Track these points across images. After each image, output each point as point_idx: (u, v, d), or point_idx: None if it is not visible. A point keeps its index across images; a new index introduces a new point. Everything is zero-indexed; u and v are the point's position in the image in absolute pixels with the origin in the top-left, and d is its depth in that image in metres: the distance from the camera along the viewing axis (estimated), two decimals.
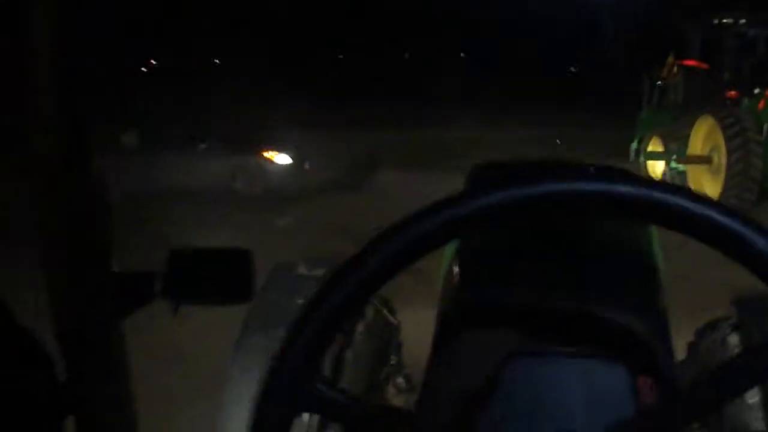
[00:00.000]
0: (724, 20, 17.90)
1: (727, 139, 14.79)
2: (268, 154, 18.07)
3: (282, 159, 18.17)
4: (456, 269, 2.54)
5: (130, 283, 1.67)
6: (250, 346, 2.71)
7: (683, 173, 16.99)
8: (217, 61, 52.49)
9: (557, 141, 25.19)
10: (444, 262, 2.66)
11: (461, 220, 1.01)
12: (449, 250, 2.66)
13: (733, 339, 2.86)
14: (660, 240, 2.67)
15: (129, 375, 1.66)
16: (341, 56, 60.11)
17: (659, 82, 19.77)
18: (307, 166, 18.96)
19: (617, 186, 0.98)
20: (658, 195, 0.97)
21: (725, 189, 14.86)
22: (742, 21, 17.82)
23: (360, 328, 3.00)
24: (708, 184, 15.83)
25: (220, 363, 2.89)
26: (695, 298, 6.13)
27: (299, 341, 1.04)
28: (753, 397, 2.53)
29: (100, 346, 1.58)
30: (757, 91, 15.98)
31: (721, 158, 15.14)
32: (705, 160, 15.85)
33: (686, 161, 16.66)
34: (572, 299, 2.21)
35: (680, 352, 3.14)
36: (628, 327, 2.12)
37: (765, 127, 14.98)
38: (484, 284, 2.46)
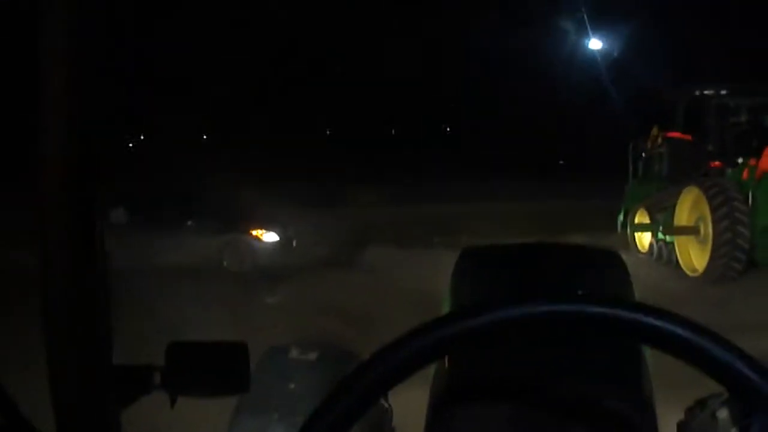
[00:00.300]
0: (706, 91, 18.11)
1: (713, 209, 14.87)
2: (256, 232, 18.09)
3: (270, 237, 18.20)
4: (447, 358, 2.51)
5: (130, 375, 1.68)
6: (241, 429, 2.71)
7: (670, 243, 17.04)
8: (205, 137, 52.86)
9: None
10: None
11: (451, 339, 1.05)
12: None
13: (723, 414, 2.82)
14: None
15: None
16: (329, 132, 60.49)
17: (644, 154, 19.97)
18: (294, 243, 19.00)
19: (604, 309, 1.04)
20: (652, 321, 1.03)
21: (712, 258, 14.89)
22: (723, 92, 18.03)
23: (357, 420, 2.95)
24: (695, 253, 15.90)
25: None
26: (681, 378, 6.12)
27: None
28: None
29: None
30: (740, 160, 16.13)
31: (707, 228, 15.18)
32: (692, 230, 15.92)
33: (673, 232, 16.71)
34: (559, 388, 2.25)
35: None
36: (613, 414, 2.19)
37: (750, 195, 15.06)
38: (474, 371, 2.46)
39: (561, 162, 45.48)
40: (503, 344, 2.39)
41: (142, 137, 52.81)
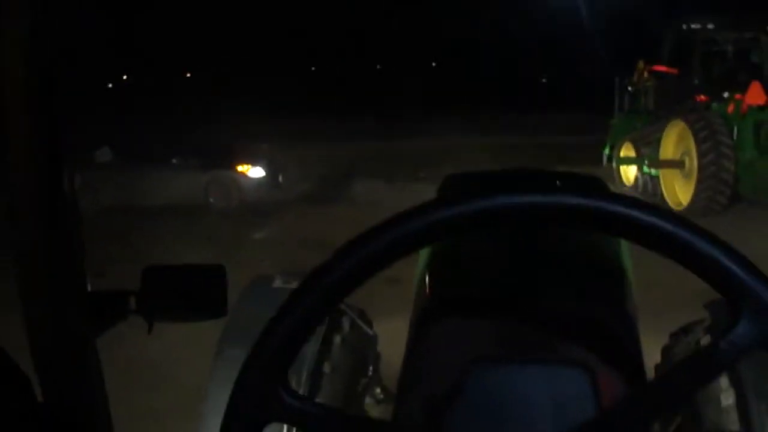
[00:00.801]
0: (693, 25, 18.02)
1: (698, 143, 14.88)
2: (241, 168, 18.03)
3: (255, 172, 18.14)
4: (427, 278, 2.57)
5: (105, 301, 1.67)
6: (227, 359, 2.69)
7: (656, 177, 17.06)
8: (189, 74, 52.49)
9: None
10: (417, 272, 2.68)
11: (429, 229, 1.03)
12: (422, 259, 2.70)
13: (706, 340, 2.83)
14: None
15: (106, 393, 1.66)
16: (313, 68, 60.11)
17: (630, 88, 19.90)
18: (281, 178, 18.95)
19: (579, 199, 1.02)
20: (635, 214, 1.01)
21: (697, 192, 14.95)
22: (710, 26, 17.95)
23: (337, 339, 2.97)
24: (680, 187, 15.93)
25: (199, 378, 2.88)
26: (667, 303, 6.18)
27: (264, 352, 1.06)
28: (728, 399, 2.54)
29: (76, 365, 1.58)
30: (726, 95, 16.11)
31: (692, 162, 15.21)
32: (677, 164, 15.95)
33: (658, 165, 16.73)
34: (540, 302, 2.26)
35: (656, 356, 3.18)
36: (594, 329, 2.18)
37: (735, 130, 15.07)
38: (452, 290, 2.51)
39: (544, 92, 45.20)
40: (483, 254, 2.45)
41: (125, 77, 52.42)
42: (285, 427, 1.77)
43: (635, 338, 2.37)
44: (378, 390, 3.42)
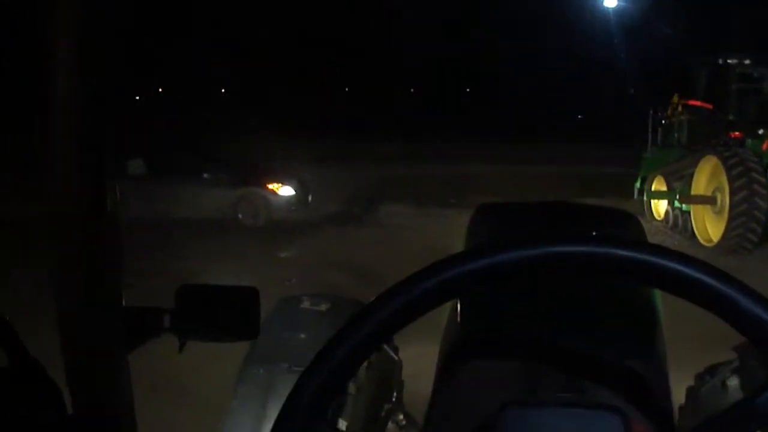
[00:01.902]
0: (729, 60, 17.95)
1: (731, 180, 14.76)
2: (271, 186, 18.08)
3: (285, 191, 18.18)
4: (459, 311, 2.56)
5: (139, 317, 1.69)
6: (251, 378, 2.69)
7: (686, 212, 16.98)
8: (223, 90, 52.83)
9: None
10: (450, 305, 2.67)
11: (456, 281, 1.04)
12: None
13: (734, 382, 2.84)
14: None
15: (135, 407, 1.67)
16: (347, 89, 60.34)
17: (664, 122, 19.85)
18: (310, 198, 18.99)
19: (612, 250, 1.02)
20: (653, 259, 1.01)
21: (728, 229, 14.83)
22: (747, 61, 17.87)
23: (363, 363, 2.96)
24: (711, 223, 15.83)
25: (223, 396, 2.89)
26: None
27: (310, 385, 1.05)
28: None
29: (107, 379, 1.59)
30: (761, 131, 15.97)
31: (724, 198, 15.10)
32: (708, 200, 15.84)
33: (689, 201, 16.61)
34: (570, 345, 2.24)
35: (680, 397, 3.14)
36: (625, 373, 2.18)
37: None
38: (485, 327, 2.49)
39: (579, 126, 45.12)
40: (515, 293, 2.40)
41: (160, 89, 52.84)
42: None
43: (665, 382, 2.38)
44: (401, 416, 3.41)
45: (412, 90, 61.24)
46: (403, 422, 3.40)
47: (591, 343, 2.28)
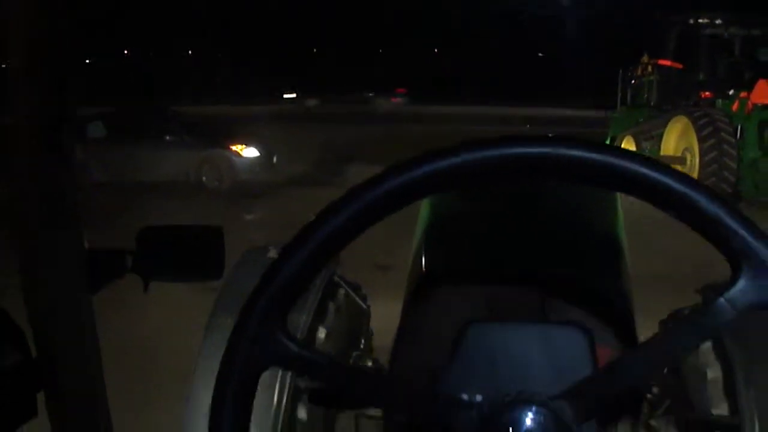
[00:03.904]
0: (700, 20, 18.00)
1: (701, 140, 14.89)
2: (235, 147, 18.05)
3: (250, 152, 18.15)
4: (423, 250, 2.62)
5: (101, 259, 1.69)
6: (220, 326, 2.69)
7: None
8: (190, 52, 52.47)
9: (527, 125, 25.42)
10: (413, 245, 2.74)
11: (427, 178, 1.04)
12: (418, 231, 2.75)
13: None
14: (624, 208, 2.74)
15: (99, 351, 1.69)
16: (315, 50, 60.11)
17: (633, 81, 19.89)
18: (275, 159, 18.94)
19: (571, 150, 1.02)
20: (636, 168, 1.01)
21: None
22: (718, 21, 17.93)
23: (331, 308, 2.88)
24: None
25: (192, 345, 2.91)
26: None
27: (264, 296, 1.06)
28: (716, 383, 2.54)
29: (70, 321, 1.61)
30: (731, 92, 16.11)
31: (694, 159, 15.23)
32: (678, 160, 15.86)
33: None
34: (535, 270, 2.31)
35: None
36: (589, 296, 2.24)
37: (739, 128, 15.10)
38: (447, 260, 2.58)
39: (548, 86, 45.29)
40: (478, 220, 2.54)
41: (126, 51, 52.45)
42: (279, 375, 1.79)
43: (629, 304, 2.43)
44: (369, 364, 3.45)
45: (380, 50, 61.03)
46: (372, 370, 3.43)
47: (555, 266, 2.35)
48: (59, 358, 1.60)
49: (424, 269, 2.57)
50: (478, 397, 1.22)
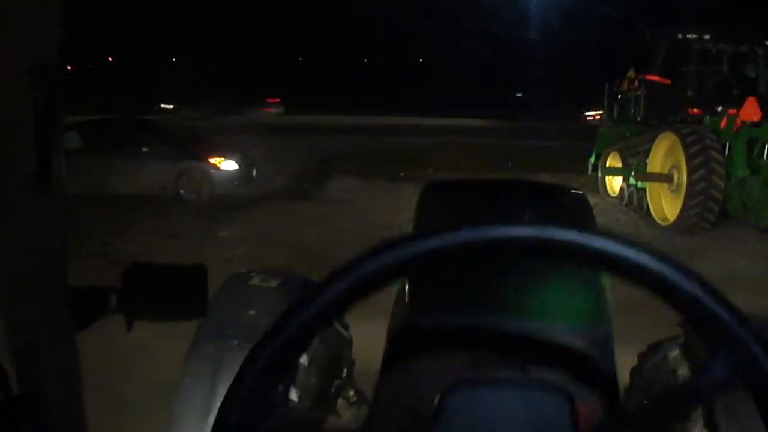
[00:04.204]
0: (689, 35, 18.08)
1: (689, 158, 14.86)
2: (214, 160, 18.05)
3: (228, 165, 18.18)
4: (407, 291, 2.64)
5: (85, 297, 1.70)
6: (201, 355, 2.74)
7: (642, 190, 17.07)
8: (174, 59, 52.49)
9: (509, 164, 25.49)
10: (396, 288, 2.77)
11: (408, 261, 1.07)
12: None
13: (678, 359, 2.92)
14: None
15: (82, 387, 1.69)
16: (301, 58, 60.22)
17: (620, 96, 19.96)
18: (255, 172, 18.96)
19: (552, 232, 1.06)
20: (614, 249, 1.04)
21: (685, 208, 14.93)
22: (707, 36, 18.01)
23: (310, 343, 2.98)
24: (667, 202, 15.91)
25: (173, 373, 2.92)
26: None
27: (256, 366, 1.07)
28: (698, 419, 2.54)
29: (54, 360, 1.62)
30: (719, 109, 16.12)
31: (681, 176, 15.21)
32: (665, 177, 15.94)
33: (645, 178, 16.73)
34: (518, 324, 2.36)
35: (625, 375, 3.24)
36: (571, 353, 2.29)
37: (727, 146, 15.13)
38: (432, 307, 2.59)
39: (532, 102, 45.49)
40: (461, 276, 2.51)
41: (110, 59, 52.42)
42: None
43: (611, 361, 2.48)
44: (351, 393, 3.51)
45: (365, 60, 61.23)
46: (354, 398, 3.50)
47: (537, 324, 2.39)
48: (43, 395, 1.60)
49: (404, 323, 2.59)
50: None
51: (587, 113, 39.09)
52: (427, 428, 1.37)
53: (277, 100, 42.80)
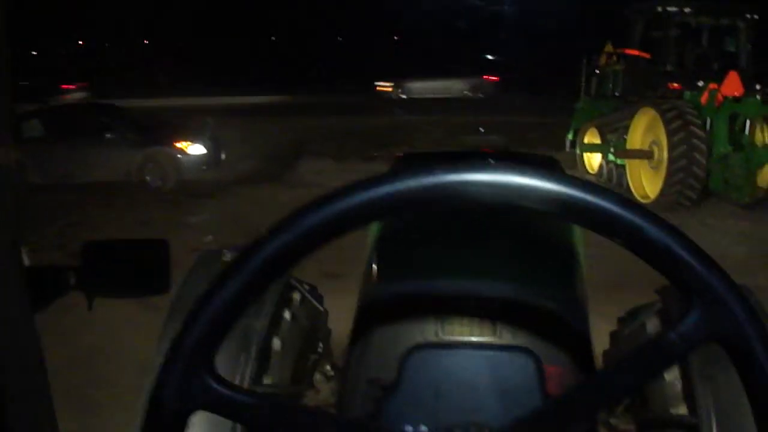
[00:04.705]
0: (669, 8, 18.07)
1: (669, 133, 14.90)
2: (180, 144, 17.96)
3: (196, 149, 18.10)
4: (375, 260, 2.70)
5: (43, 276, 1.72)
6: (173, 333, 2.71)
7: (621, 167, 17.12)
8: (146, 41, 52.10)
9: (480, 129, 25.48)
10: (366, 254, 2.82)
11: (363, 207, 1.04)
12: (371, 240, 2.84)
13: (655, 324, 2.97)
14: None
15: (45, 368, 1.70)
16: (274, 38, 59.81)
17: (598, 71, 19.95)
18: (223, 156, 18.96)
19: (509, 176, 1.03)
20: (584, 197, 1.02)
21: (666, 185, 15.02)
22: (687, 9, 18.01)
23: (287, 315, 3.05)
24: (647, 179, 16.02)
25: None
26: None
27: (188, 336, 1.06)
28: (674, 380, 2.65)
29: (14, 340, 1.63)
30: (700, 83, 16.18)
31: (662, 153, 15.25)
32: (645, 154, 15.99)
33: (625, 155, 16.75)
34: (486, 286, 2.37)
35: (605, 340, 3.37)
36: (542, 315, 2.31)
37: (708, 122, 15.19)
38: (399, 275, 2.62)
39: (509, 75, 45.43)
40: (430, 238, 2.62)
41: (81, 42, 51.98)
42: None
43: (584, 324, 2.51)
44: (328, 367, 3.54)
45: (339, 38, 60.97)
46: (331, 372, 3.53)
47: (508, 285, 2.40)
48: (2, 379, 1.59)
49: (374, 287, 2.63)
50: (423, 428, 1.28)
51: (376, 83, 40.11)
52: (390, 392, 1.40)
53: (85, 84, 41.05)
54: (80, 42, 52.98)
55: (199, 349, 1.06)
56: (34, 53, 44.64)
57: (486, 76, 41.58)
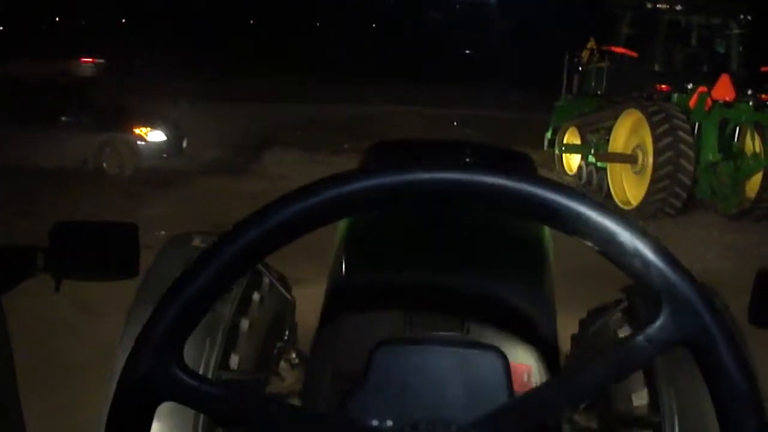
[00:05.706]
0: (658, 5, 17.88)
1: (656, 138, 14.63)
2: (139, 130, 17.67)
3: (155, 136, 17.83)
4: (343, 252, 2.80)
5: (10, 257, 1.75)
6: (140, 317, 2.66)
7: (602, 170, 16.97)
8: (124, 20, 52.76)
9: (454, 122, 25.72)
10: (334, 246, 2.92)
11: (329, 204, 1.06)
12: (340, 233, 2.97)
13: (621, 323, 3.04)
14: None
15: (11, 350, 1.70)
16: (252, 21, 60.46)
17: (581, 68, 19.76)
18: (185, 143, 18.66)
19: (478, 177, 1.04)
20: (551, 197, 1.03)
21: (649, 192, 14.76)
22: (678, 7, 17.83)
23: (255, 298, 3.14)
24: (630, 184, 15.81)
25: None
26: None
27: (157, 327, 1.06)
28: (638, 381, 2.73)
29: None
30: (689, 86, 15.85)
31: (647, 158, 15.02)
32: (628, 158, 15.76)
33: (607, 158, 16.56)
34: (455, 282, 2.49)
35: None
36: (510, 312, 2.44)
37: (696, 127, 14.93)
38: (367, 267, 2.77)
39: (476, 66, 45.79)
40: (399, 233, 2.75)
41: (57, 18, 52.49)
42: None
43: (551, 322, 2.67)
44: (293, 355, 3.75)
45: (318, 24, 61.45)
46: (296, 361, 3.74)
47: (476, 282, 2.56)
48: None
49: (341, 282, 2.77)
50: (389, 422, 1.32)
51: None
52: (356, 386, 1.40)
53: None
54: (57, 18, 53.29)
55: (167, 340, 1.07)
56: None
57: None
